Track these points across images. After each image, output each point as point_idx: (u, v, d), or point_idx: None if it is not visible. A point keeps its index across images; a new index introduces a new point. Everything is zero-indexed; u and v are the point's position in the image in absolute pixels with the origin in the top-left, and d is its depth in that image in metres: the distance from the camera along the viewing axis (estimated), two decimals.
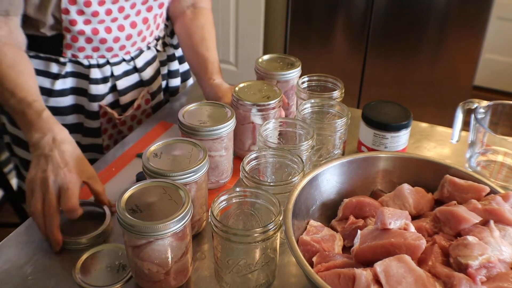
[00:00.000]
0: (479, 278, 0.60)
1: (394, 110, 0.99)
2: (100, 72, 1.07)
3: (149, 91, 1.17)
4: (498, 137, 0.90)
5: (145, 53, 1.15)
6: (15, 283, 0.74)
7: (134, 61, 1.12)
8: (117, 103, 1.13)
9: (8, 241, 0.81)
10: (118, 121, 1.14)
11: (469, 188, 0.74)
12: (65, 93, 1.07)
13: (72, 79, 1.07)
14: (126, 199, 0.68)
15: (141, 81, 1.15)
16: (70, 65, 1.05)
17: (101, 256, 0.78)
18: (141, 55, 1.13)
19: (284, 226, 0.66)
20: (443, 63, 2.44)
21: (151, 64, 1.17)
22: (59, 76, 1.05)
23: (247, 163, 0.79)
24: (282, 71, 1.06)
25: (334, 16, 2.55)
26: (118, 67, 1.10)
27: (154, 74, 1.18)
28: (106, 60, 1.08)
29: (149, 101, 1.19)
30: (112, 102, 1.13)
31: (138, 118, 1.18)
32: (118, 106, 1.14)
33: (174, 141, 0.81)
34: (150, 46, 1.16)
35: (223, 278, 0.71)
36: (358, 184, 0.81)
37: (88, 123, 1.11)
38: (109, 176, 0.97)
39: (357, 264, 0.65)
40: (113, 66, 1.09)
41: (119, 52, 1.08)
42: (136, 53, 1.12)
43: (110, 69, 1.09)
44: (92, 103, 1.08)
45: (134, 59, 1.12)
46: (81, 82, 1.07)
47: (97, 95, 1.08)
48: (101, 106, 1.10)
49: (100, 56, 1.06)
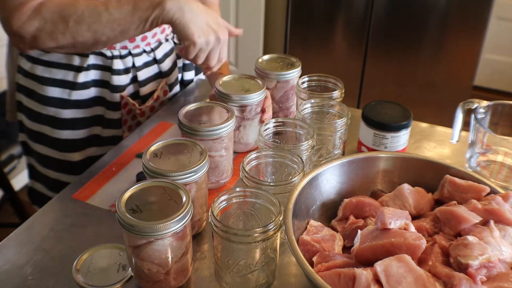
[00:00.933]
0: (479, 278, 0.60)
1: (394, 110, 0.99)
2: (123, 63, 1.09)
3: (167, 83, 1.20)
4: (498, 137, 0.90)
5: (164, 45, 1.17)
6: (15, 283, 0.74)
7: (154, 53, 1.15)
8: (137, 94, 1.15)
9: (8, 241, 0.81)
10: (139, 112, 1.15)
11: (469, 188, 0.74)
12: (88, 85, 1.08)
13: (95, 71, 1.08)
14: (126, 199, 0.68)
15: (160, 72, 1.18)
16: (92, 57, 1.06)
17: (101, 256, 0.78)
18: (160, 46, 1.16)
19: (284, 226, 0.66)
20: (443, 63, 2.44)
21: (169, 56, 1.19)
22: (82, 69, 1.06)
23: (247, 163, 0.79)
24: (282, 71, 1.06)
25: (334, 16, 2.55)
26: (139, 58, 1.12)
27: (172, 65, 1.20)
28: (128, 51, 1.09)
29: (167, 92, 1.21)
30: (133, 93, 1.15)
31: (156, 109, 1.20)
32: (138, 97, 1.16)
33: (174, 141, 0.81)
34: (168, 38, 1.18)
35: (223, 278, 0.71)
36: (358, 184, 0.81)
37: (109, 115, 1.12)
38: (109, 176, 0.97)
39: (357, 264, 0.65)
40: (134, 57, 1.11)
41: (141, 43, 1.11)
42: (156, 45, 1.15)
43: (132, 60, 1.11)
44: (114, 94, 1.10)
45: (154, 50, 1.14)
46: (103, 74, 1.09)
47: (119, 85, 1.09)
48: (123, 96, 1.11)
49: (123, 47, 1.08)
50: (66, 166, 1.14)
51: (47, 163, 1.15)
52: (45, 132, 1.12)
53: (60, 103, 1.08)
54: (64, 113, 1.09)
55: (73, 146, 1.12)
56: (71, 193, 0.92)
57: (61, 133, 1.11)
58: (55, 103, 1.08)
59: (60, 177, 1.16)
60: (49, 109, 1.09)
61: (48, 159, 1.14)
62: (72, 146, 1.12)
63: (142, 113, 1.17)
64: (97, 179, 0.96)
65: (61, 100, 1.08)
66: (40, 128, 1.12)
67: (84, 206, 0.89)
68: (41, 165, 1.17)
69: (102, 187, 0.94)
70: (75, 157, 1.13)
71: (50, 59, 1.06)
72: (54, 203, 0.90)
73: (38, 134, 1.13)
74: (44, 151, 1.14)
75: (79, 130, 1.11)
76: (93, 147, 1.14)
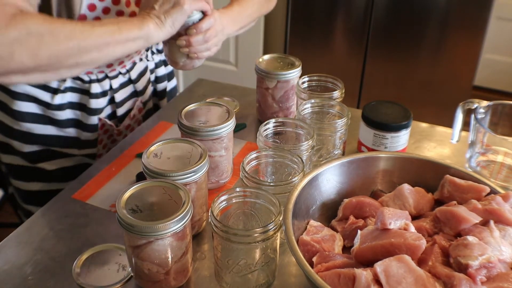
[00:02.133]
0: (479, 278, 0.60)
1: (394, 110, 0.99)
2: (100, 86, 1.08)
3: (142, 101, 1.19)
4: (498, 137, 0.90)
5: (138, 65, 1.16)
6: (15, 283, 0.74)
7: (129, 73, 1.14)
8: (114, 115, 1.15)
9: (8, 241, 0.81)
10: (117, 132, 1.15)
11: (469, 188, 0.74)
12: (64, 107, 1.06)
13: (71, 94, 1.06)
14: (126, 199, 0.68)
15: (135, 91, 1.17)
16: (70, 81, 1.05)
17: (101, 256, 0.78)
18: (134, 67, 1.15)
19: (284, 226, 0.66)
20: (443, 63, 2.44)
21: (144, 75, 1.18)
22: (58, 91, 1.04)
23: (247, 163, 0.79)
24: (282, 71, 1.06)
25: (334, 16, 2.55)
26: (115, 80, 1.11)
27: (146, 84, 1.20)
28: (105, 75, 1.09)
29: (142, 110, 1.21)
30: (109, 114, 1.14)
31: (131, 127, 1.20)
32: (115, 117, 1.15)
33: (174, 141, 0.81)
34: (142, 58, 1.17)
35: (223, 278, 0.71)
36: (358, 184, 0.81)
37: (86, 136, 1.11)
38: (109, 176, 0.97)
39: (357, 264, 0.65)
40: (111, 80, 1.10)
41: (117, 67, 1.10)
42: (131, 66, 1.14)
43: (109, 83, 1.10)
44: (91, 117, 1.09)
45: (129, 71, 1.14)
46: (80, 97, 1.08)
47: (97, 109, 1.09)
48: (100, 119, 1.11)
49: (100, 72, 1.07)
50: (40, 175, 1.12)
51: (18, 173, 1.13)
52: (12, 145, 1.09)
53: (35, 118, 1.05)
54: (39, 128, 1.06)
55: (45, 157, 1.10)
56: (71, 193, 0.92)
57: (34, 147, 1.08)
58: (30, 118, 1.05)
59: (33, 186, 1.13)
60: (22, 124, 1.05)
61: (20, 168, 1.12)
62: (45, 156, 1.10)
63: (119, 133, 1.17)
64: (97, 179, 0.96)
65: (36, 115, 1.05)
66: (8, 141, 1.09)
67: (84, 206, 0.89)
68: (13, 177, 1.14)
69: (102, 187, 0.94)
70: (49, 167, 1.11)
71: None
72: (54, 203, 0.90)
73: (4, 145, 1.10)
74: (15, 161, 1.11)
75: (54, 147, 1.09)
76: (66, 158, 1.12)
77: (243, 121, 1.15)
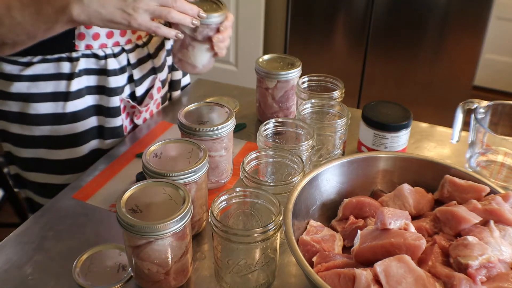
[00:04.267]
0: (479, 278, 0.60)
1: (394, 110, 0.99)
2: (117, 61, 1.02)
3: (159, 79, 1.13)
4: (498, 137, 0.90)
5: (155, 38, 1.11)
6: (15, 283, 0.74)
7: (147, 47, 1.09)
8: (133, 95, 1.09)
9: (8, 241, 0.81)
10: (139, 114, 1.09)
11: (469, 188, 0.74)
12: (82, 93, 1.00)
13: (88, 77, 1.00)
14: (126, 199, 0.68)
15: (153, 68, 1.12)
16: (83, 61, 0.99)
17: (101, 256, 0.78)
18: (152, 40, 1.10)
19: (284, 226, 0.66)
20: (443, 63, 2.44)
21: (161, 50, 1.13)
22: (74, 76, 0.98)
23: (247, 163, 0.79)
24: (282, 71, 1.06)
25: (334, 16, 2.55)
26: (133, 54, 1.05)
27: (163, 60, 1.14)
28: (121, 48, 1.03)
29: (160, 89, 1.15)
30: (129, 95, 1.08)
31: (150, 109, 1.15)
32: (134, 99, 1.09)
33: (174, 141, 0.81)
34: None
35: (223, 278, 0.71)
36: (358, 184, 0.81)
37: (110, 123, 1.04)
38: (109, 176, 0.97)
39: (357, 264, 0.65)
40: (128, 54, 1.04)
41: (132, 36, 1.04)
42: (147, 38, 1.09)
43: (126, 57, 1.04)
44: (112, 99, 1.02)
45: (146, 44, 1.09)
46: (97, 78, 1.01)
47: (117, 87, 1.02)
48: (122, 100, 1.05)
49: (115, 44, 1.01)
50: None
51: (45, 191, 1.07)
52: (41, 156, 1.03)
53: (56, 119, 1.00)
54: (61, 129, 1.01)
55: (73, 166, 1.04)
56: (71, 193, 0.92)
57: (60, 153, 1.03)
58: (49, 120, 1.00)
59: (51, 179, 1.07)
60: (42, 128, 1.00)
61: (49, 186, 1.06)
62: (72, 167, 1.04)
63: (139, 115, 1.11)
64: (97, 179, 0.96)
65: (56, 115, 1.00)
66: (34, 154, 1.03)
67: (84, 206, 0.89)
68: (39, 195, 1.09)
69: (102, 187, 0.94)
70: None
71: (34, 72, 0.97)
72: (54, 203, 0.90)
73: (31, 160, 1.04)
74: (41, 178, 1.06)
75: (79, 146, 1.03)
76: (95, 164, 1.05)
77: (243, 121, 1.15)
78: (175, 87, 1.25)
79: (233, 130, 0.90)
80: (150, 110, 1.15)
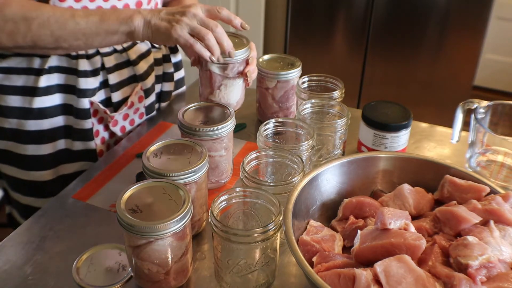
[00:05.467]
0: (479, 278, 0.60)
1: (394, 110, 0.99)
2: (90, 63, 1.00)
3: (142, 88, 1.09)
4: (498, 137, 0.90)
5: (139, 45, 1.07)
6: (15, 283, 0.74)
7: (127, 53, 1.05)
8: (109, 101, 1.06)
9: (8, 241, 0.81)
10: (111, 120, 1.06)
11: (469, 188, 0.74)
12: (51, 90, 0.99)
13: (58, 75, 0.99)
14: (126, 199, 0.68)
15: (134, 76, 1.07)
16: (55, 59, 0.98)
17: (101, 256, 0.78)
18: (134, 46, 1.06)
19: (284, 226, 0.66)
20: (443, 63, 2.44)
21: (145, 58, 1.09)
22: (43, 72, 0.97)
23: (247, 163, 0.79)
24: (282, 71, 1.06)
25: (334, 16, 2.55)
26: (109, 58, 1.02)
27: (147, 69, 1.09)
28: (96, 51, 1.00)
29: (143, 99, 1.11)
30: (104, 100, 1.05)
31: (131, 118, 1.11)
32: (110, 105, 1.06)
33: (174, 141, 0.81)
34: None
35: (223, 278, 0.71)
36: (358, 184, 0.81)
37: (78, 124, 1.02)
38: (109, 176, 0.97)
39: (357, 264, 0.65)
40: (103, 57, 1.01)
41: None
42: (129, 44, 1.06)
43: (101, 60, 1.01)
44: (81, 100, 1.00)
45: (126, 50, 1.05)
46: (68, 77, 1.00)
47: (87, 89, 1.00)
48: (92, 102, 1.02)
49: None
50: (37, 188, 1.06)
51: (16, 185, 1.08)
52: (10, 149, 1.04)
53: (23, 113, 1.00)
54: (28, 124, 1.00)
55: (40, 163, 1.04)
56: (71, 193, 0.92)
57: (26, 148, 1.02)
58: (17, 113, 1.00)
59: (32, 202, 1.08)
60: (11, 121, 1.00)
61: (17, 181, 1.07)
62: (39, 164, 1.04)
63: (115, 122, 1.07)
64: (97, 179, 0.96)
65: (23, 109, 0.99)
66: (5, 145, 1.04)
67: (84, 206, 0.89)
68: (11, 189, 1.10)
69: (102, 187, 0.94)
70: (44, 177, 1.05)
71: (9, 65, 0.97)
72: (54, 203, 0.90)
73: (2, 152, 1.05)
74: (12, 172, 1.06)
75: (46, 144, 1.03)
76: (64, 164, 1.06)
77: (243, 121, 1.15)
78: (164, 98, 1.22)
79: (233, 130, 0.90)
80: (130, 119, 1.11)
